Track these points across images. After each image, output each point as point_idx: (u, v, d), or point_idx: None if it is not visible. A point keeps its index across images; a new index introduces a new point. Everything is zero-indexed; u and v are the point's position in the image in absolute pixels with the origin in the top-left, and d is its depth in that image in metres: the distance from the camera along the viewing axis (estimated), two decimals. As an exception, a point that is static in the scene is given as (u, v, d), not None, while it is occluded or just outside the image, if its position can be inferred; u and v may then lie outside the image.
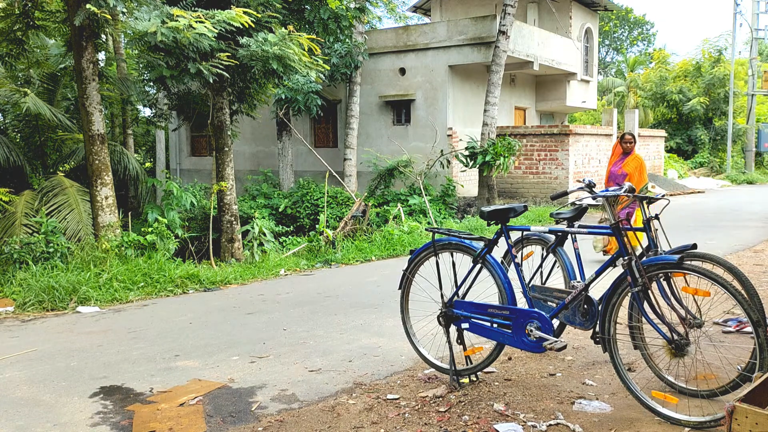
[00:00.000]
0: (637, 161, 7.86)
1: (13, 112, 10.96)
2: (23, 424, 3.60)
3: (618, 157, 7.99)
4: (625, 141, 7.90)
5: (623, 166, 7.85)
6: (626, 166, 7.83)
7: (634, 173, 7.78)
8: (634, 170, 7.79)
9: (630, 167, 7.82)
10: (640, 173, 7.80)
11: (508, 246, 4.03)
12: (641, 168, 7.84)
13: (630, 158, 7.91)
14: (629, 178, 7.72)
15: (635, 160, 7.88)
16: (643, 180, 7.80)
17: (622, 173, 7.81)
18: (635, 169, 7.80)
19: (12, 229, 8.06)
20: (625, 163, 7.87)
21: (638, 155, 7.94)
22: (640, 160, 7.91)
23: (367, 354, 4.74)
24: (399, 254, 9.67)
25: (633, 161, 7.86)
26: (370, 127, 17.49)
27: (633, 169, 7.80)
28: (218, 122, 9.65)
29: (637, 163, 7.83)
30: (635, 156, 7.92)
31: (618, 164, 7.91)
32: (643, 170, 7.85)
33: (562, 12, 20.22)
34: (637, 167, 7.81)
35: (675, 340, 3.33)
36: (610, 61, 47.19)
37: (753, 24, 27.33)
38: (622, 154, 7.95)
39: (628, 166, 7.82)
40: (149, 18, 7.22)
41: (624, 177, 7.76)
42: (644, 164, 7.92)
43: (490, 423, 3.39)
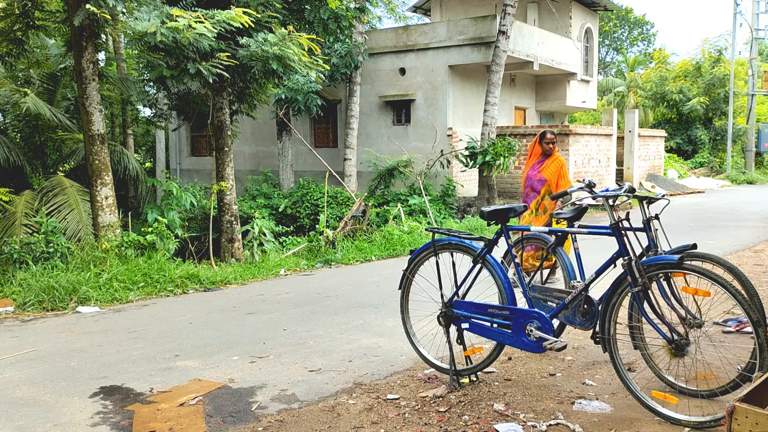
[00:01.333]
0: (558, 164, 6.77)
1: (13, 112, 10.95)
2: (23, 424, 3.60)
3: (537, 159, 6.89)
4: (545, 141, 6.80)
5: (541, 170, 6.77)
6: (545, 170, 6.75)
7: (552, 179, 6.70)
8: (553, 175, 6.70)
9: (549, 172, 6.73)
10: (561, 178, 6.73)
11: (508, 246, 4.03)
12: (562, 172, 6.75)
13: (550, 161, 6.81)
14: (548, 184, 6.68)
15: (555, 163, 6.79)
16: (565, 184, 6.66)
17: (540, 178, 6.73)
18: (555, 173, 6.72)
19: (12, 229, 8.06)
20: (545, 166, 6.79)
21: (560, 157, 6.89)
22: (561, 162, 6.83)
23: (367, 354, 4.74)
24: (399, 254, 9.67)
25: (553, 164, 6.78)
26: (370, 127, 17.49)
27: (552, 174, 6.71)
28: (218, 122, 9.65)
29: (557, 167, 6.76)
30: (556, 158, 6.83)
31: (536, 167, 6.83)
32: (564, 175, 6.75)
33: (562, 12, 20.22)
34: (557, 171, 6.74)
35: (675, 340, 3.33)
36: (610, 61, 47.19)
37: (753, 24, 27.32)
38: (541, 155, 6.86)
39: (547, 170, 6.74)
40: (149, 18, 7.22)
41: (542, 183, 6.68)
42: (566, 168, 6.88)
43: (490, 423, 3.39)
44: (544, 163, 6.80)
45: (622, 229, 3.50)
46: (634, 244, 3.51)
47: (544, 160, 6.81)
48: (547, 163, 6.80)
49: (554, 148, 6.88)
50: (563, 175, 6.79)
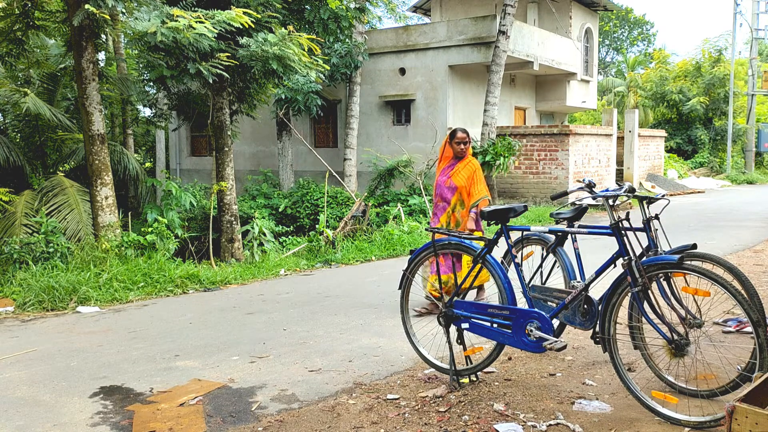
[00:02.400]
0: (470, 169, 5.87)
1: (13, 112, 10.95)
2: (23, 424, 3.60)
3: (447, 162, 5.96)
4: (456, 140, 5.85)
5: (452, 176, 5.86)
6: (456, 175, 5.84)
7: (464, 185, 5.81)
8: (466, 181, 5.81)
9: (460, 177, 5.82)
10: (475, 184, 5.83)
11: (508, 246, 4.03)
12: (475, 177, 5.85)
13: (461, 165, 5.87)
14: (459, 192, 5.82)
15: (468, 167, 5.87)
16: (479, 192, 5.80)
17: (450, 185, 5.84)
18: (468, 179, 5.82)
19: (12, 229, 8.06)
20: (455, 171, 5.86)
21: (474, 160, 5.99)
22: (475, 166, 5.92)
23: (367, 354, 4.74)
24: (399, 254, 9.67)
25: (465, 169, 5.86)
26: (370, 127, 17.49)
27: (464, 179, 5.82)
28: (218, 122, 9.65)
29: (469, 172, 5.85)
30: (469, 161, 5.91)
31: (446, 172, 5.92)
32: (478, 180, 5.85)
33: (562, 12, 20.22)
34: (470, 177, 5.83)
35: (675, 340, 3.33)
36: (610, 61, 47.20)
37: (753, 24, 27.33)
38: (452, 158, 5.93)
39: (458, 175, 5.83)
40: (149, 18, 7.22)
41: (453, 190, 5.83)
42: (480, 172, 5.93)
43: (490, 423, 3.39)
44: (455, 168, 5.89)
45: (622, 229, 3.50)
46: (634, 244, 3.51)
47: (455, 164, 5.91)
48: (458, 168, 5.88)
49: (467, 150, 5.94)
50: (477, 181, 5.86)
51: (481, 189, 5.87)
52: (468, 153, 5.97)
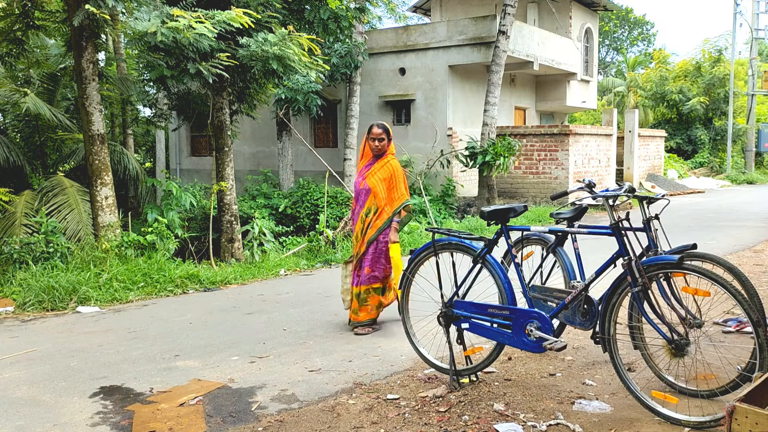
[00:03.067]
0: (388, 170, 5.23)
1: (13, 112, 10.95)
2: (23, 424, 3.60)
3: (367, 161, 5.35)
4: (371, 137, 5.23)
5: (367, 177, 5.25)
6: (371, 176, 5.23)
7: (379, 188, 5.19)
8: (381, 183, 5.19)
9: (375, 179, 5.21)
10: (394, 188, 5.21)
11: (508, 246, 4.03)
12: (394, 179, 5.22)
13: (379, 164, 5.26)
14: (373, 196, 5.21)
15: (386, 167, 5.24)
16: (400, 196, 5.20)
17: (364, 187, 5.24)
18: (383, 181, 5.20)
19: (12, 229, 8.06)
20: (372, 171, 5.26)
21: (393, 160, 5.32)
22: (393, 166, 5.26)
23: (367, 354, 4.74)
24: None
25: (382, 170, 5.24)
26: (370, 127, 17.46)
27: (379, 181, 5.19)
28: (218, 122, 9.65)
29: (387, 173, 5.22)
30: (387, 161, 5.27)
31: (363, 172, 5.33)
32: (397, 183, 5.22)
33: (562, 12, 20.22)
34: (387, 178, 5.21)
35: (675, 340, 3.33)
36: (610, 61, 47.20)
37: (753, 24, 27.33)
38: (372, 157, 5.32)
39: (374, 176, 5.22)
40: (149, 18, 7.22)
41: (367, 193, 5.23)
42: (400, 173, 5.28)
43: (490, 423, 3.39)
44: (371, 168, 5.28)
45: (622, 229, 3.50)
46: (634, 244, 3.51)
47: (372, 164, 5.30)
48: (374, 168, 5.26)
49: (386, 147, 5.29)
50: (396, 184, 5.21)
51: (403, 193, 5.23)
52: (388, 151, 5.31)
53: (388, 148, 5.32)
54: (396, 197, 5.24)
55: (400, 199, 5.24)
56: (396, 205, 5.23)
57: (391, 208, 5.24)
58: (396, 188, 5.25)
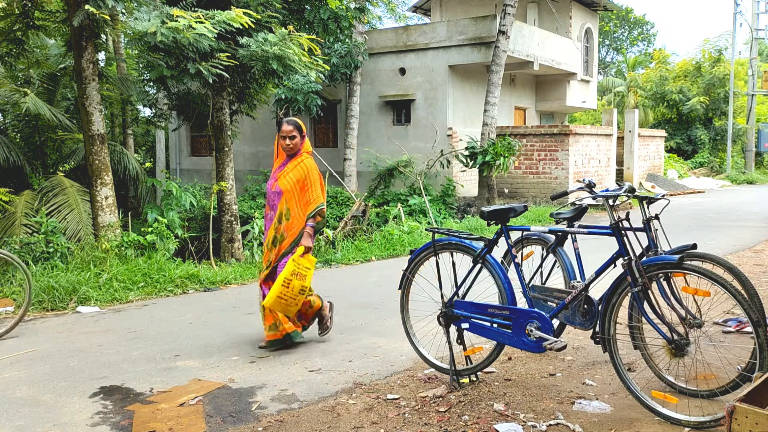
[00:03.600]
0: (302, 170, 4.81)
1: (13, 112, 10.94)
2: (23, 424, 3.60)
3: (281, 161, 4.94)
4: (282, 134, 4.83)
5: (279, 178, 4.84)
6: (283, 177, 4.82)
7: (292, 191, 4.77)
8: (294, 185, 4.78)
9: (287, 180, 4.79)
10: (308, 189, 4.78)
11: (508, 246, 4.03)
12: (309, 181, 4.79)
13: (292, 164, 4.85)
14: (285, 199, 4.79)
15: (299, 168, 4.82)
16: (315, 199, 4.77)
17: (276, 190, 4.83)
18: (298, 182, 4.78)
19: (12, 229, 8.06)
20: (284, 172, 4.84)
21: (308, 159, 4.88)
22: (308, 167, 4.83)
23: (367, 354, 4.74)
24: (399, 254, 9.66)
25: (295, 170, 4.82)
26: (370, 127, 17.49)
27: (292, 183, 4.78)
28: (218, 122, 9.65)
29: (300, 174, 4.80)
30: (301, 161, 4.85)
31: (276, 174, 4.92)
32: (312, 184, 4.80)
33: (562, 12, 20.23)
34: (300, 180, 4.78)
35: (675, 340, 3.33)
36: (610, 61, 47.21)
37: (753, 24, 27.34)
38: (286, 157, 4.92)
39: (286, 178, 4.81)
40: (149, 18, 7.22)
41: (279, 196, 4.81)
42: (315, 174, 4.84)
43: (490, 423, 3.39)
44: (284, 168, 4.87)
45: (622, 229, 3.50)
46: (634, 244, 3.51)
47: (286, 164, 4.89)
48: (287, 168, 4.85)
49: (300, 145, 4.87)
50: (310, 185, 4.79)
51: (318, 195, 4.80)
52: (302, 149, 4.90)
53: (302, 146, 4.89)
54: (311, 200, 4.79)
55: (314, 201, 4.78)
56: (311, 208, 4.77)
57: (305, 212, 4.80)
58: (311, 190, 4.80)
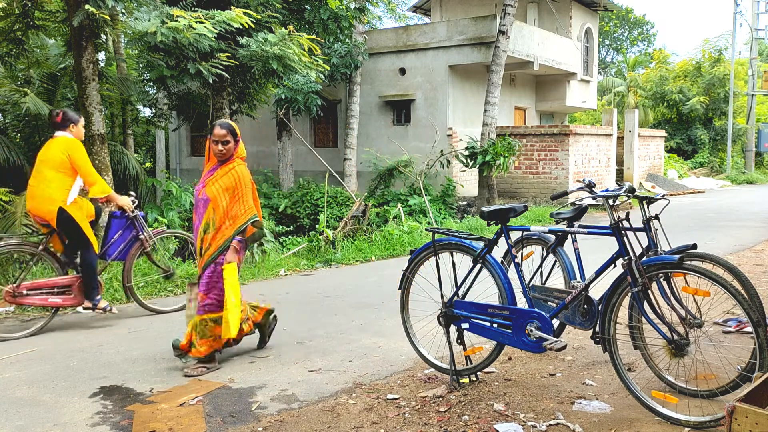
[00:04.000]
0: (232, 178, 4.41)
1: (13, 112, 10.95)
2: (23, 424, 3.60)
3: (211, 166, 4.55)
4: (214, 138, 4.43)
5: (208, 185, 4.45)
6: (212, 184, 4.43)
7: (219, 198, 4.38)
8: (225, 192, 4.38)
9: (216, 188, 4.40)
10: (239, 200, 4.40)
11: (508, 246, 4.03)
12: (239, 189, 4.41)
13: (223, 171, 4.46)
14: (213, 208, 4.39)
15: (230, 175, 4.43)
16: (247, 211, 4.39)
17: (203, 197, 4.44)
18: (227, 190, 4.39)
19: (12, 229, 8.05)
20: (214, 179, 4.45)
21: (239, 166, 4.48)
22: (239, 174, 4.43)
23: (367, 354, 4.74)
24: (399, 254, 9.66)
25: (225, 177, 4.43)
26: (370, 127, 17.49)
27: (220, 191, 4.39)
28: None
29: (230, 181, 4.41)
30: (232, 168, 4.46)
31: (204, 179, 4.53)
32: (243, 194, 4.41)
33: (562, 12, 20.23)
34: (231, 187, 4.40)
35: (675, 340, 3.33)
36: (610, 61, 47.21)
37: (753, 24, 27.34)
38: (217, 162, 4.52)
39: (215, 185, 4.42)
40: (149, 18, 7.23)
41: (206, 204, 4.41)
42: (247, 181, 4.47)
43: (490, 423, 3.39)
44: (214, 174, 4.49)
45: (622, 229, 3.50)
46: (634, 244, 3.51)
47: (216, 169, 4.50)
48: (217, 175, 4.46)
49: (233, 150, 4.48)
50: (241, 195, 4.40)
51: (250, 206, 4.41)
52: (235, 155, 4.49)
53: (235, 152, 4.49)
54: (241, 212, 4.38)
55: (246, 213, 4.37)
56: (240, 221, 4.36)
57: (233, 224, 4.38)
58: (241, 201, 4.39)
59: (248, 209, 4.42)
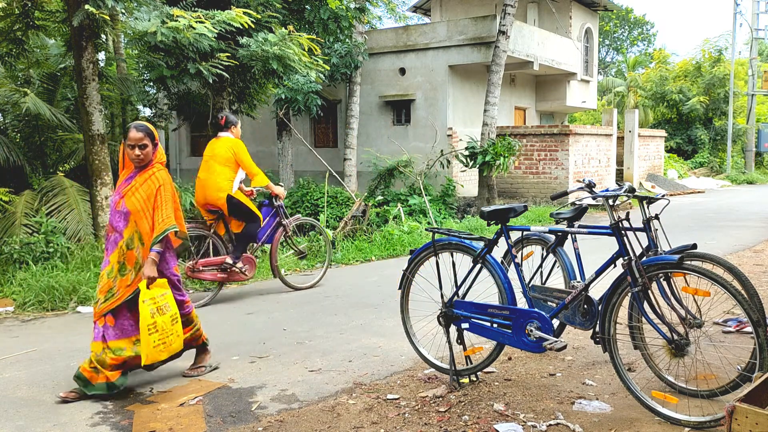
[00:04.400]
0: (152, 185, 3.97)
1: (13, 112, 10.94)
2: (23, 424, 3.60)
3: (128, 173, 4.08)
4: (129, 142, 3.96)
5: (127, 195, 3.97)
6: (132, 195, 3.96)
7: (141, 210, 3.93)
8: (146, 202, 3.94)
9: (137, 198, 3.94)
10: (159, 208, 3.94)
11: (508, 246, 4.03)
12: (160, 198, 3.96)
13: (142, 178, 4.00)
14: (135, 221, 3.94)
15: (149, 182, 3.98)
16: (165, 220, 3.92)
17: (123, 210, 3.96)
18: (149, 199, 3.94)
19: (12, 229, 8.05)
20: (132, 188, 3.99)
21: (159, 171, 4.03)
22: (160, 181, 3.99)
23: (367, 354, 4.74)
24: (399, 254, 9.66)
25: (145, 185, 3.97)
26: (370, 127, 17.49)
27: (141, 201, 3.94)
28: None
29: (150, 189, 3.96)
30: (152, 174, 4.01)
31: (121, 188, 4.04)
32: (162, 202, 3.94)
33: (562, 12, 20.22)
34: (151, 197, 3.95)
35: (675, 340, 3.33)
36: (610, 61, 47.21)
37: (753, 24, 27.34)
38: (134, 168, 4.06)
39: (135, 195, 3.96)
40: (149, 18, 7.22)
41: (126, 217, 3.94)
42: (167, 189, 4.01)
43: (490, 423, 3.39)
44: (131, 182, 4.01)
45: (622, 229, 3.51)
46: (634, 244, 3.51)
47: (134, 176, 4.03)
48: (136, 183, 3.99)
49: (152, 155, 4.04)
50: (163, 203, 3.96)
51: (168, 215, 3.96)
52: (155, 159, 4.05)
53: (154, 156, 4.05)
54: (159, 221, 3.93)
55: (162, 223, 3.92)
56: (157, 232, 3.92)
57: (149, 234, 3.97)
58: (160, 210, 3.94)
59: (165, 219, 3.93)
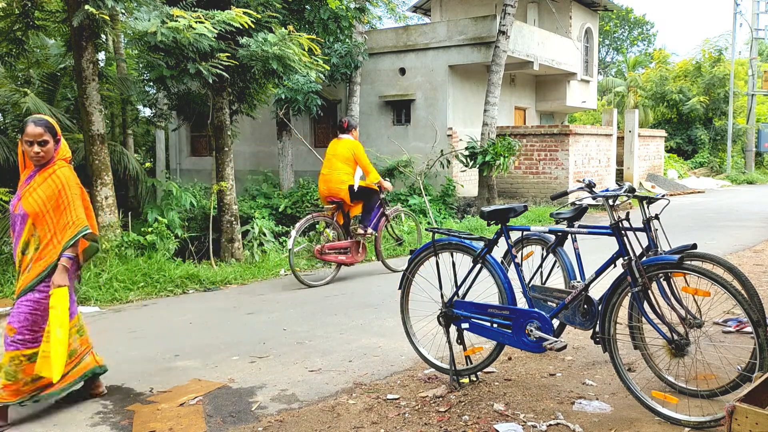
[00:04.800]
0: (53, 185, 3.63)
1: (13, 112, 10.94)
2: (23, 424, 3.60)
3: (29, 173, 3.72)
4: (27, 139, 3.59)
5: (24, 196, 3.64)
6: (30, 195, 3.63)
7: (40, 212, 3.58)
8: (47, 203, 3.60)
9: (35, 199, 3.61)
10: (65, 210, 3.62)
11: (508, 246, 4.03)
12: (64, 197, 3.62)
13: (41, 177, 3.65)
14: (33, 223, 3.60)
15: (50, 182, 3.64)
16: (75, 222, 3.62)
17: (20, 212, 3.61)
18: (50, 199, 3.61)
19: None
20: (31, 188, 3.65)
21: (61, 169, 3.68)
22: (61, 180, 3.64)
23: (367, 354, 4.74)
24: (399, 254, 9.66)
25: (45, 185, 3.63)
26: (370, 127, 17.49)
27: (43, 201, 3.60)
28: (218, 122, 9.65)
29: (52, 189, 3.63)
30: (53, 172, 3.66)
31: (21, 189, 3.72)
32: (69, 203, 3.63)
33: (562, 12, 20.22)
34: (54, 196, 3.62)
35: (675, 340, 3.33)
36: (610, 61, 47.20)
37: (753, 24, 27.33)
38: (34, 167, 3.69)
39: (33, 195, 3.62)
40: (149, 18, 7.22)
41: (24, 220, 3.60)
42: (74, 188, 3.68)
43: (490, 423, 3.39)
44: (31, 183, 3.66)
45: (622, 229, 3.50)
46: (634, 244, 3.51)
47: (34, 176, 3.67)
48: (35, 183, 3.65)
49: (54, 152, 3.68)
50: (67, 204, 3.63)
51: (79, 216, 3.63)
52: (56, 157, 3.68)
53: (56, 153, 3.67)
54: (69, 223, 3.60)
55: (74, 225, 3.60)
56: (68, 235, 3.59)
57: (61, 240, 3.61)
58: (68, 210, 3.60)
59: (75, 221, 3.61)
